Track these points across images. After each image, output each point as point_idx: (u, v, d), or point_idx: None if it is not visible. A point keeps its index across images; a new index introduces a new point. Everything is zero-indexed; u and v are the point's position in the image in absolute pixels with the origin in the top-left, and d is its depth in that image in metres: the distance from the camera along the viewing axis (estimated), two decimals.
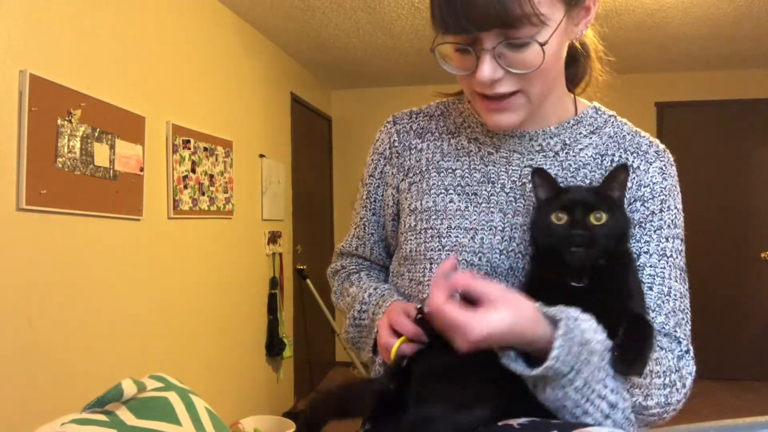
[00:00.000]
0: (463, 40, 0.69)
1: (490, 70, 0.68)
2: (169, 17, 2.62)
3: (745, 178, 4.53)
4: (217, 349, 3.00)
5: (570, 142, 0.81)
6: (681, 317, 0.74)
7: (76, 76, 2.00)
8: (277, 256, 3.75)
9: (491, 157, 0.82)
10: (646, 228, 0.76)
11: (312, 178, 4.58)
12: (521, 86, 0.71)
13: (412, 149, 0.87)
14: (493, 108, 0.73)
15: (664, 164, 0.80)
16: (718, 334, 4.52)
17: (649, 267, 0.74)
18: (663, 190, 0.77)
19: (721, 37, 3.76)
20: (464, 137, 0.84)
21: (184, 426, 0.64)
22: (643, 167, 0.78)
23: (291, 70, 4.16)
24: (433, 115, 0.90)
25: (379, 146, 0.92)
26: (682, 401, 0.70)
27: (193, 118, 2.79)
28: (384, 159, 0.90)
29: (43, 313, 1.86)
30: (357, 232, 0.98)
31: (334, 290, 0.99)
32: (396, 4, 3.19)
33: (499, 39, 0.67)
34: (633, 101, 4.58)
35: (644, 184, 0.77)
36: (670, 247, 0.75)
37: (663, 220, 0.76)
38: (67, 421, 0.58)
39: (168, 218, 2.57)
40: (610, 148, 0.80)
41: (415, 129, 0.89)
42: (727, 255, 4.51)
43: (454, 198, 0.81)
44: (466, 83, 0.74)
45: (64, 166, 1.92)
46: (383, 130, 0.93)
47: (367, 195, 0.93)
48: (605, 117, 0.85)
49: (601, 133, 0.82)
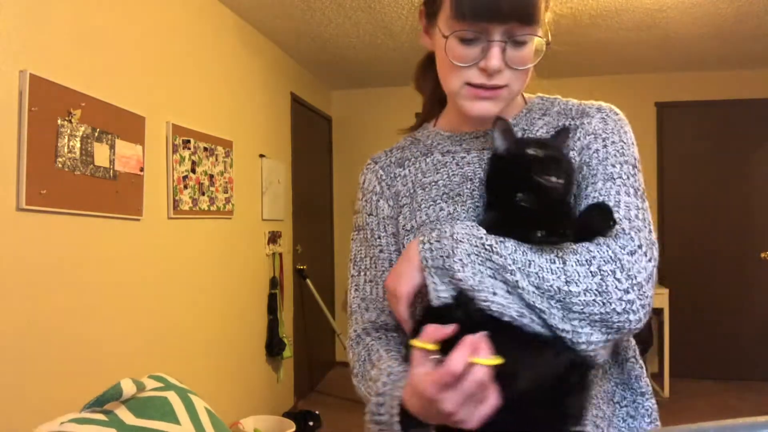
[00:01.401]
0: (475, 30, 0.74)
1: (499, 60, 0.75)
2: (169, 17, 2.62)
3: (745, 178, 4.53)
4: (217, 348, 3.00)
5: (528, 127, 0.87)
6: (636, 223, 0.73)
7: (76, 76, 2.00)
8: (277, 256, 3.75)
9: (465, 159, 0.88)
10: (592, 164, 0.79)
11: (312, 178, 4.58)
12: (509, 81, 0.78)
13: (397, 177, 0.92)
14: (483, 96, 0.79)
15: (604, 114, 0.83)
16: (718, 334, 4.52)
17: (594, 192, 0.77)
18: (605, 130, 0.81)
19: (721, 37, 3.76)
20: (437, 153, 0.90)
21: (183, 425, 0.64)
22: (586, 121, 0.83)
23: (291, 70, 4.16)
24: (404, 146, 0.96)
25: (368, 185, 0.94)
26: (634, 296, 0.67)
27: (193, 118, 2.79)
28: (376, 195, 0.93)
29: (43, 313, 1.86)
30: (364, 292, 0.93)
31: (356, 386, 0.86)
32: (396, 4, 3.19)
33: (506, 35, 0.74)
34: (633, 101, 4.59)
35: (588, 133, 0.82)
36: (618, 171, 0.77)
37: (608, 152, 0.79)
38: (67, 420, 0.58)
39: (168, 218, 2.57)
40: (560, 120, 0.86)
41: (394, 161, 0.94)
42: (727, 255, 4.51)
43: (443, 206, 0.85)
44: (457, 74, 0.78)
45: (64, 166, 1.92)
46: (366, 171, 0.96)
47: (371, 234, 0.93)
48: (551, 100, 0.90)
49: (550, 113, 0.88)
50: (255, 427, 3.09)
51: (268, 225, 3.67)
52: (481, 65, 0.76)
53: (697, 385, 4.35)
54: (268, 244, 3.64)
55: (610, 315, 0.66)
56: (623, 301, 0.66)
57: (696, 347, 4.52)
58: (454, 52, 0.77)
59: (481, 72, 0.76)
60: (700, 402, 4.01)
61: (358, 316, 0.92)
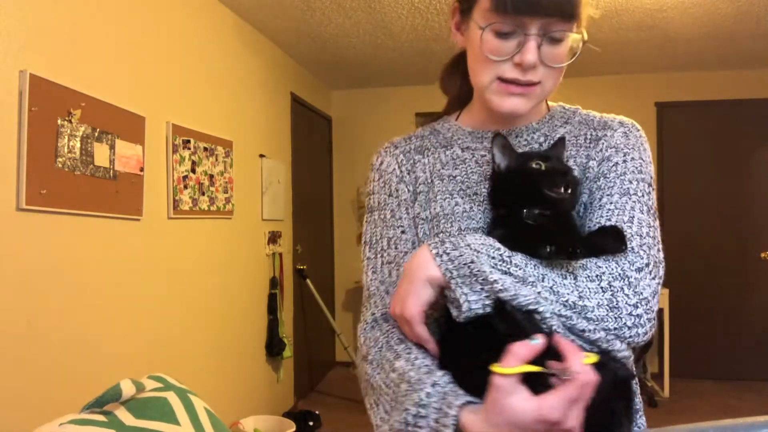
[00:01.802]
0: (512, 23, 0.73)
1: (535, 55, 0.74)
2: (169, 17, 2.62)
3: (745, 178, 4.53)
4: (217, 349, 3.00)
5: (550, 134, 0.88)
6: (647, 240, 0.75)
7: (76, 76, 2.00)
8: (277, 256, 3.75)
9: (485, 158, 0.87)
10: (609, 177, 0.80)
11: (312, 178, 4.58)
12: (542, 78, 0.77)
13: (417, 163, 0.91)
14: (515, 92, 0.78)
15: (627, 129, 0.84)
16: (718, 334, 4.52)
17: (610, 204, 0.77)
18: (626, 146, 0.82)
19: (721, 37, 3.75)
20: (457, 147, 0.90)
21: (183, 426, 0.64)
22: (609, 134, 0.84)
23: (291, 70, 4.16)
24: (424, 135, 0.95)
25: (387, 167, 0.92)
26: (642, 310, 0.69)
27: (193, 118, 2.79)
28: (396, 177, 0.91)
29: (42, 313, 1.86)
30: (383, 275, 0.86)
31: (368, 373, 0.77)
32: (396, 4, 3.19)
33: (543, 30, 0.74)
34: (633, 101, 4.59)
35: (610, 146, 0.83)
36: (634, 188, 0.78)
37: (627, 167, 0.80)
38: (66, 421, 0.58)
39: (168, 218, 2.57)
40: (582, 129, 0.87)
41: (414, 148, 0.93)
42: (727, 255, 4.50)
43: (459, 201, 0.85)
44: (490, 68, 0.78)
45: (64, 166, 1.92)
46: (384, 154, 0.94)
47: (392, 215, 0.89)
48: (572, 110, 0.92)
49: (572, 122, 0.89)
50: (255, 427, 3.09)
51: (268, 225, 3.67)
52: (516, 60, 0.75)
53: (697, 385, 4.35)
54: (268, 244, 3.64)
55: (621, 329, 0.68)
56: (632, 315, 0.68)
57: (696, 347, 4.52)
58: (489, 44, 0.76)
59: (515, 67, 0.76)
60: (700, 402, 4.01)
61: (377, 299, 0.85)
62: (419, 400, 0.66)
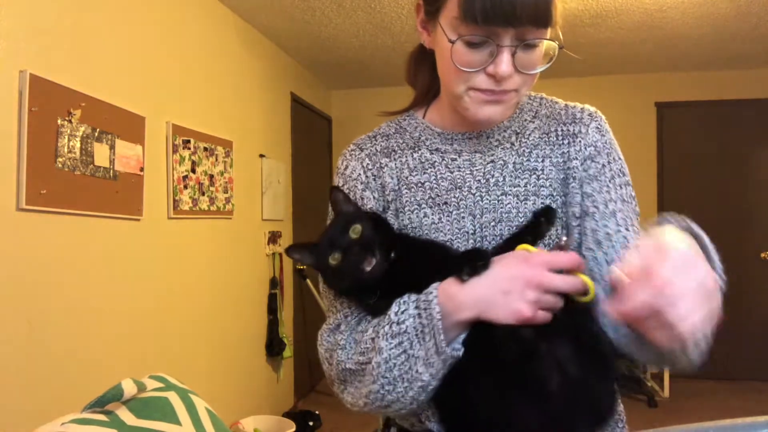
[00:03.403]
0: (483, 33, 0.70)
1: (510, 66, 0.71)
2: (170, 17, 2.62)
3: (745, 178, 4.53)
4: (217, 349, 3.00)
5: (520, 130, 0.86)
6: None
7: (76, 76, 2.00)
8: (277, 256, 3.75)
9: (455, 162, 0.85)
10: (601, 180, 0.81)
11: (312, 178, 4.58)
12: (518, 86, 0.75)
13: (384, 167, 0.86)
14: (491, 100, 0.76)
15: (598, 123, 0.85)
16: (718, 334, 4.50)
17: (619, 212, 0.79)
18: (604, 145, 0.84)
19: (721, 37, 3.76)
20: (425, 149, 0.86)
21: (184, 426, 0.64)
22: (582, 131, 0.84)
23: (291, 70, 4.16)
24: (389, 134, 0.90)
25: (352, 173, 0.86)
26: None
27: (193, 118, 2.79)
28: (361, 185, 0.86)
29: (43, 313, 1.86)
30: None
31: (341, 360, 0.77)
32: (396, 4, 3.19)
33: (516, 38, 0.70)
34: (633, 101, 4.59)
35: (588, 144, 0.83)
36: (626, 194, 0.82)
37: (613, 171, 0.82)
38: (67, 420, 0.58)
39: (168, 218, 2.57)
40: (551, 125, 0.86)
41: (380, 150, 0.88)
42: (727, 255, 4.42)
43: (428, 212, 0.83)
44: (462, 79, 0.75)
45: (64, 166, 1.92)
46: (349, 158, 0.88)
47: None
48: (537, 100, 0.90)
49: (540, 116, 0.87)
50: (255, 427, 3.09)
51: (268, 225, 3.67)
52: (490, 70, 0.72)
53: (697, 385, 4.35)
54: (268, 244, 3.64)
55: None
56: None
57: None
58: (461, 56, 0.72)
59: (488, 77, 0.73)
60: (700, 402, 4.01)
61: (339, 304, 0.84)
62: (390, 320, 0.72)
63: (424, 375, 0.69)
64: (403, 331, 0.70)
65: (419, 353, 0.69)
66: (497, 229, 0.80)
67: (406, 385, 0.70)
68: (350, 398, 0.77)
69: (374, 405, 0.73)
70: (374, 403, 0.73)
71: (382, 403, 0.73)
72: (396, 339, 0.70)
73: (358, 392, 0.76)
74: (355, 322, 0.80)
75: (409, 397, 0.71)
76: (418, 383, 0.69)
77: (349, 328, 0.80)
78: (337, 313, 0.83)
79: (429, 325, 0.69)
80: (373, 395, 0.72)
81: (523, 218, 0.80)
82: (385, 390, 0.71)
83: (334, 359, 0.78)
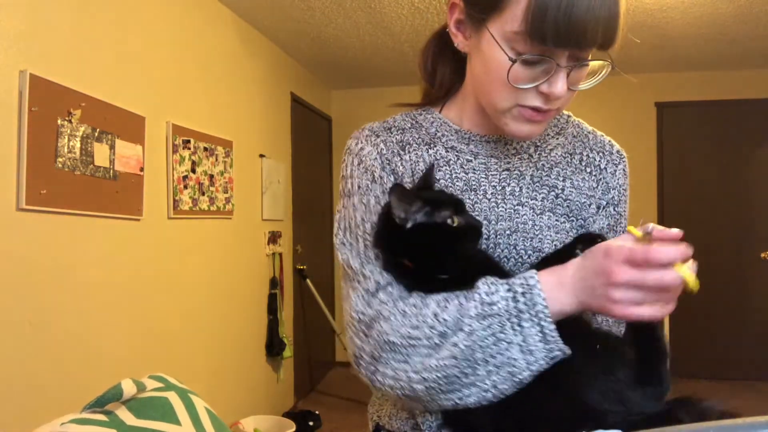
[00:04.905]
0: (542, 52, 0.67)
1: (565, 86, 0.70)
2: (169, 17, 2.62)
3: (745, 178, 4.53)
4: (217, 349, 3.00)
5: (540, 143, 0.85)
6: None
7: (76, 76, 2.00)
8: (277, 256, 3.75)
9: (470, 164, 0.82)
10: (617, 230, 0.85)
11: (312, 178, 4.58)
12: (563, 104, 0.74)
13: (398, 160, 0.83)
14: (535, 119, 0.73)
15: (625, 165, 0.87)
16: (718, 334, 4.52)
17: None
18: (626, 190, 0.86)
19: (721, 37, 3.76)
20: (441, 147, 0.84)
21: (184, 426, 0.64)
22: (610, 169, 0.85)
23: (291, 70, 4.16)
24: (405, 128, 0.86)
25: (368, 155, 0.82)
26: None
27: (193, 118, 2.79)
28: (379, 165, 0.82)
29: (43, 313, 1.86)
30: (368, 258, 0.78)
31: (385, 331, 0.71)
32: (396, 4, 3.19)
33: (574, 58, 0.69)
34: (633, 101, 4.59)
35: (612, 187, 0.85)
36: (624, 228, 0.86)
37: (625, 215, 0.87)
38: (67, 421, 0.58)
39: (168, 218, 2.57)
40: (577, 147, 0.86)
41: (396, 141, 0.84)
42: (727, 255, 4.50)
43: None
44: (511, 94, 0.72)
45: (64, 166, 1.92)
46: (364, 141, 0.83)
47: (377, 200, 0.80)
48: (564, 117, 0.89)
49: (565, 134, 0.87)
50: (255, 427, 3.09)
51: (268, 225, 3.67)
52: (543, 89, 0.69)
53: (697, 385, 4.35)
54: (268, 244, 3.64)
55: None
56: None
57: (696, 347, 4.52)
58: (516, 74, 0.69)
59: (539, 95, 0.70)
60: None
61: (371, 269, 0.77)
62: (486, 288, 0.68)
63: (520, 361, 0.65)
64: (495, 313, 0.66)
65: (513, 338, 0.65)
66: (512, 239, 0.78)
67: (490, 369, 0.65)
68: (391, 373, 0.70)
69: (433, 385, 0.67)
70: (435, 382, 0.67)
71: (446, 385, 0.67)
72: (486, 321, 0.66)
73: (407, 368, 0.69)
74: (397, 293, 0.74)
75: (490, 382, 0.65)
76: (507, 368, 0.65)
77: (392, 299, 0.73)
78: (365, 280, 0.75)
79: (530, 311, 0.65)
80: (441, 373, 0.66)
81: (538, 231, 0.79)
82: (460, 372, 0.66)
83: (374, 330, 0.72)
